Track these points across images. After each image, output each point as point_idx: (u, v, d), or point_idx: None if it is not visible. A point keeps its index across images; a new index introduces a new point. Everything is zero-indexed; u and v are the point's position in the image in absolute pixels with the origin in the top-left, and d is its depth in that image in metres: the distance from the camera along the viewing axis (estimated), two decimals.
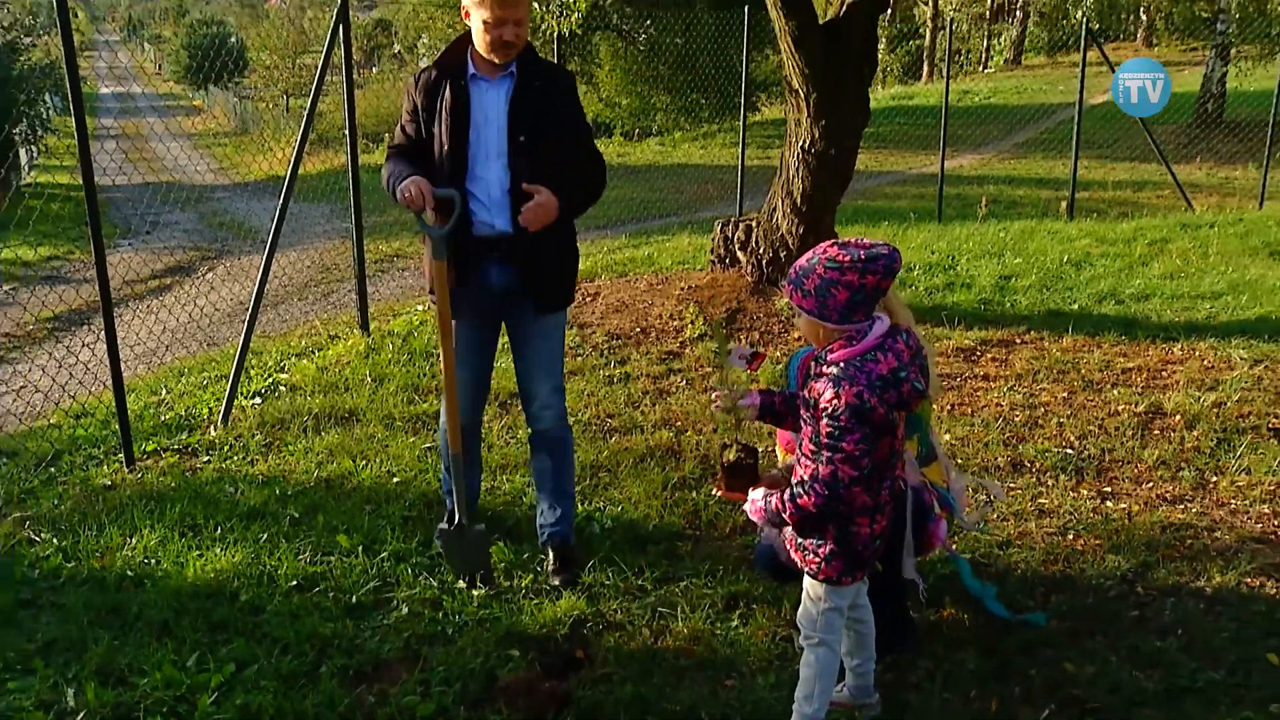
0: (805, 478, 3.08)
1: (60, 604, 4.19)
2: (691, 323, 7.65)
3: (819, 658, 3.22)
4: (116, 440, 5.82)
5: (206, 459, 5.73)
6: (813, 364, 3.11)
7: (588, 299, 8.63)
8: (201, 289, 10.86)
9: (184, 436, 6.09)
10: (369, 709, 3.49)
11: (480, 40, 3.96)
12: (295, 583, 4.27)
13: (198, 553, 4.54)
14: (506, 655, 3.75)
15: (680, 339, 7.49)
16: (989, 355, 7.07)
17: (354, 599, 4.16)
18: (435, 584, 4.27)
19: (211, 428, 6.19)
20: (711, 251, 8.56)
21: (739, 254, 8.17)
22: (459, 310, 4.11)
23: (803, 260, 3.07)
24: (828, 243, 3.05)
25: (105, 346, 5.66)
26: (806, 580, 3.24)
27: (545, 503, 4.41)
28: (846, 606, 3.24)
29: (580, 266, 4.43)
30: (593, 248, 11.77)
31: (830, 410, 2.96)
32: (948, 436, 5.65)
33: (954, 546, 4.03)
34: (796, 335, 6.92)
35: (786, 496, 3.13)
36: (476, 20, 3.93)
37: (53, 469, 5.73)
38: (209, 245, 13.83)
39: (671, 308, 7.96)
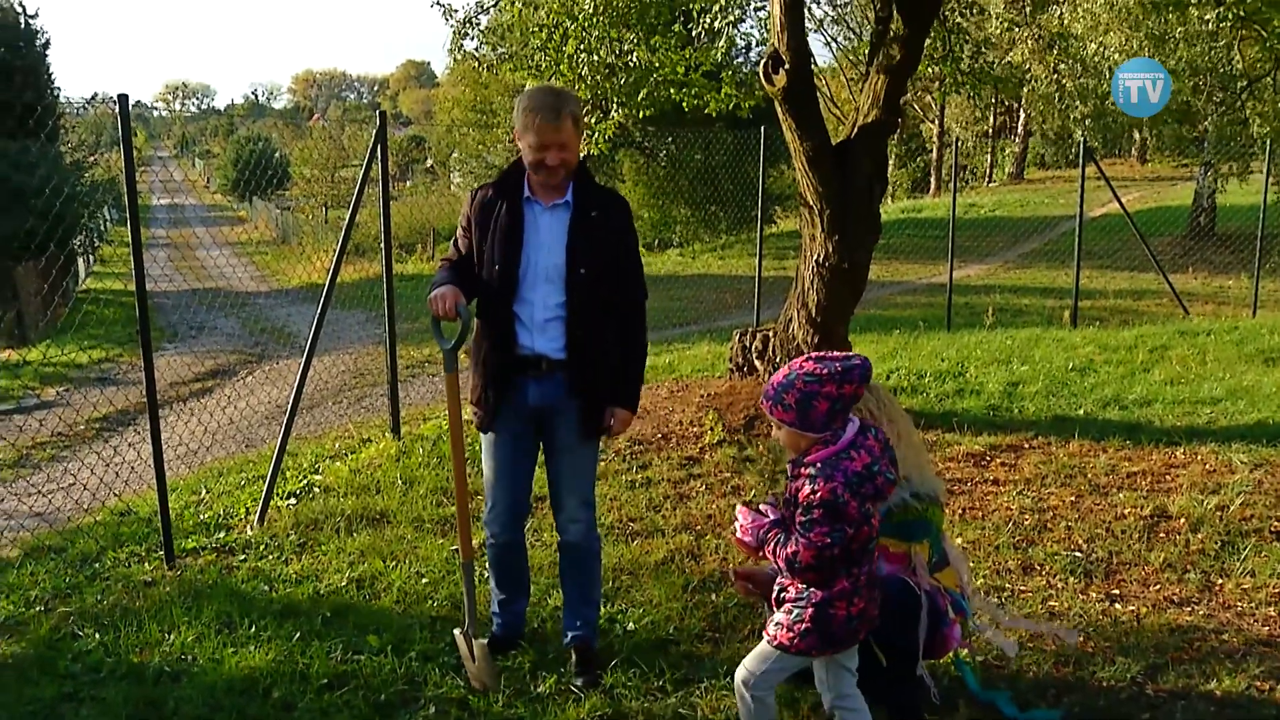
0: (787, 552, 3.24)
1: (100, 698, 4.17)
2: (711, 429, 7.64)
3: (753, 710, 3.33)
4: (158, 538, 5.84)
5: (243, 558, 5.73)
6: (789, 467, 3.25)
7: None
8: (242, 391, 10.96)
9: (222, 535, 6.11)
10: None
11: (528, 163, 3.98)
12: (326, 681, 4.24)
13: (232, 649, 4.52)
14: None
15: (700, 444, 7.47)
16: (998, 460, 7.04)
17: (383, 697, 4.13)
18: (462, 685, 4.22)
19: (248, 527, 6.21)
20: (730, 360, 8.58)
21: (756, 362, 8.19)
22: (499, 424, 4.13)
23: (779, 376, 3.20)
24: (802, 358, 3.21)
25: (150, 447, 5.70)
26: (763, 645, 3.35)
27: (571, 608, 4.37)
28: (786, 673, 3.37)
29: None
30: None
31: (805, 504, 3.13)
32: (960, 540, 5.61)
33: (965, 651, 3.97)
34: None
35: (779, 546, 3.25)
36: (524, 145, 3.95)
37: (97, 565, 5.74)
38: (249, 349, 13.97)
39: (691, 414, 7.96)
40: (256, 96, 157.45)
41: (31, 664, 4.51)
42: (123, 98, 5.23)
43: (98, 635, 4.74)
